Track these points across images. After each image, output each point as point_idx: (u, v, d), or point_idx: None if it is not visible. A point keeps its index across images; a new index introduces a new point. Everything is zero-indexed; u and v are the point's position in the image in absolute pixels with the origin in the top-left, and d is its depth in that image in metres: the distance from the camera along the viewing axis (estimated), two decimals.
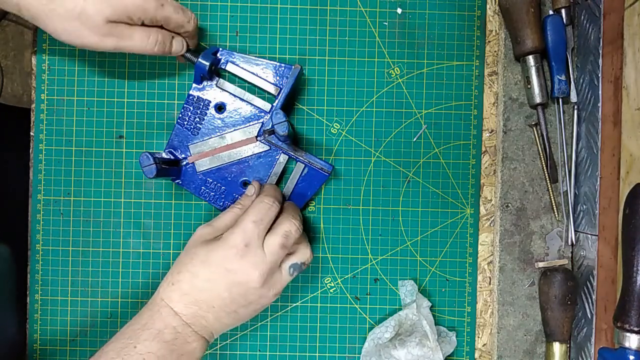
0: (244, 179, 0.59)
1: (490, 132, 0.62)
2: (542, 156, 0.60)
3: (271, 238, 0.50)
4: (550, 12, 0.58)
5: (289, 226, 0.51)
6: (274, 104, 0.57)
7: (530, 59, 0.58)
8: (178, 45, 0.54)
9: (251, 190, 0.55)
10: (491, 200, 0.62)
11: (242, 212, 0.53)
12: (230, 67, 0.58)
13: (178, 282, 0.50)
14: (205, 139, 0.58)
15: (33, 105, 0.60)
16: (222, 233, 0.51)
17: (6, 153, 0.71)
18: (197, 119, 0.58)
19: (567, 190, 0.59)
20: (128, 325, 0.49)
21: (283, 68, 0.58)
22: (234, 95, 0.58)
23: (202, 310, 0.50)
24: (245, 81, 0.58)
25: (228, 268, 0.49)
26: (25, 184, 0.61)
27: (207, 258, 0.50)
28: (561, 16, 0.58)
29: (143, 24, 0.51)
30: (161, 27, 0.53)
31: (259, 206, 0.51)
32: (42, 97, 0.60)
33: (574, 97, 0.59)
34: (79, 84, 0.60)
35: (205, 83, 0.58)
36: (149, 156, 0.52)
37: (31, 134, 0.60)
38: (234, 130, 0.58)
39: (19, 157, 0.64)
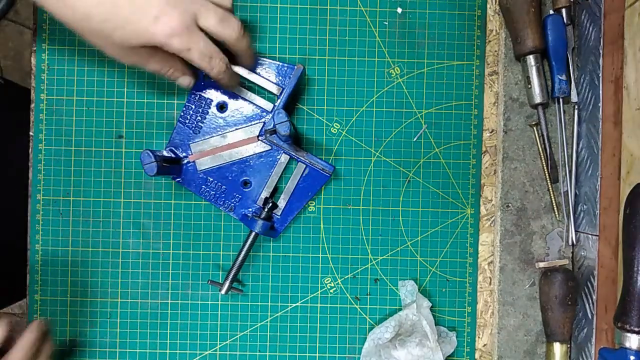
0: (245, 178, 0.59)
1: (491, 132, 0.62)
2: (542, 156, 0.60)
3: None
4: (551, 12, 0.58)
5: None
6: (276, 104, 0.57)
7: (531, 59, 0.57)
8: (185, 81, 0.55)
9: None
10: (491, 200, 0.62)
11: None
12: (232, 66, 0.58)
13: None
14: (206, 137, 0.58)
15: (33, 105, 0.60)
16: None
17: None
18: (199, 118, 0.58)
19: (567, 190, 0.59)
20: None
21: (286, 68, 0.58)
22: (236, 94, 0.58)
23: None
24: (248, 80, 0.58)
25: None
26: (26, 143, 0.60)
27: None
28: (561, 16, 0.58)
29: None
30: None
31: None
32: (42, 97, 0.60)
33: (574, 97, 0.59)
34: (78, 84, 0.60)
35: (207, 81, 0.58)
36: (150, 154, 0.52)
37: (30, 133, 0.60)
38: (236, 129, 0.58)
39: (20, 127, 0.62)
